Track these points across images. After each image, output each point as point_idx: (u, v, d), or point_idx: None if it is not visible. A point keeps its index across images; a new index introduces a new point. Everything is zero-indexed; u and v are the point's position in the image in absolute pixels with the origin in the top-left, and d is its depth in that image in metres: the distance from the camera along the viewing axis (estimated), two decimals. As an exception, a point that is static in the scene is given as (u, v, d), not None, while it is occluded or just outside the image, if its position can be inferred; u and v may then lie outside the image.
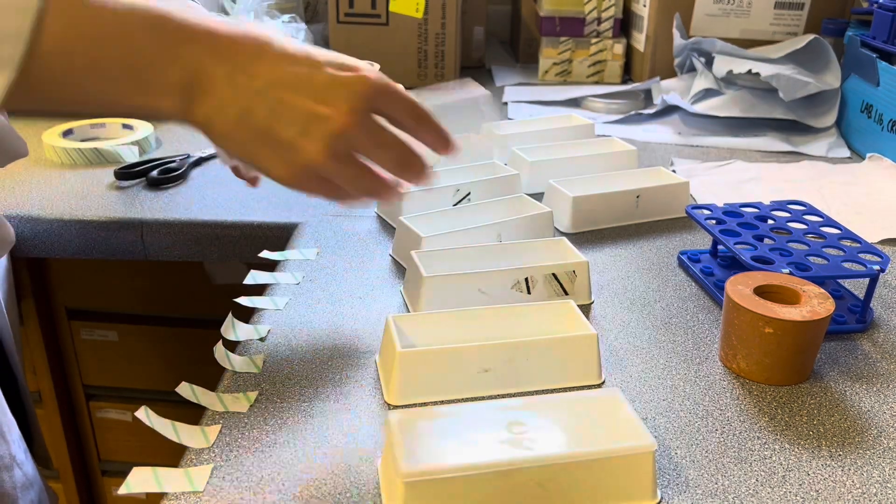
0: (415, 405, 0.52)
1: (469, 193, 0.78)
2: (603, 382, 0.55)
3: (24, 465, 0.68)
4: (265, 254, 0.71)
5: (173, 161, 0.92)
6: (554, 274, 0.63)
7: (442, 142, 0.48)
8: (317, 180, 0.45)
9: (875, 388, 0.56)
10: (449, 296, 0.60)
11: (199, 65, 0.42)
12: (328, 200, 0.48)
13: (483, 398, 0.53)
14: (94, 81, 0.40)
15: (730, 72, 1.11)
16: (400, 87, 0.46)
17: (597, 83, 1.34)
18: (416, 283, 0.61)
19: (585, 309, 0.64)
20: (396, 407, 0.52)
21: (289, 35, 1.11)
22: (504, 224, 0.71)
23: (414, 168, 0.47)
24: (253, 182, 0.58)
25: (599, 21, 1.31)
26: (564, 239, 0.67)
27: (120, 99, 0.42)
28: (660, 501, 0.45)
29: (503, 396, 0.53)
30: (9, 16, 0.36)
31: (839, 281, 0.69)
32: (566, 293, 0.63)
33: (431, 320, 0.56)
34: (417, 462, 0.41)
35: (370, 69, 0.45)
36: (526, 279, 0.62)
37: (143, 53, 0.41)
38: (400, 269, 0.70)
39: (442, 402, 0.53)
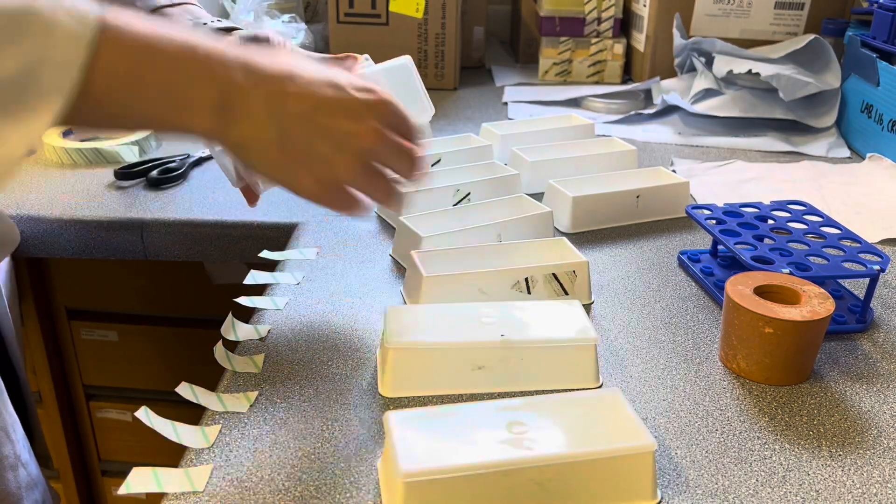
0: (407, 398, 0.52)
1: (469, 193, 0.78)
2: (601, 386, 0.55)
3: (28, 464, 0.68)
4: (265, 254, 0.71)
5: (173, 161, 0.92)
6: (554, 274, 0.63)
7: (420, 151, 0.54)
8: (343, 193, 0.50)
9: (875, 388, 0.56)
10: (449, 295, 0.60)
11: (233, 87, 0.45)
12: (346, 213, 0.51)
13: (476, 395, 0.53)
14: (135, 103, 0.43)
15: (730, 72, 1.11)
16: (401, 105, 0.52)
17: (597, 83, 1.34)
18: (415, 283, 0.61)
19: (585, 309, 0.64)
20: (390, 399, 0.52)
21: (289, 35, 1.11)
22: (504, 224, 0.71)
23: (419, 168, 0.52)
24: (253, 202, 0.61)
25: (599, 21, 1.31)
26: (564, 239, 0.67)
27: (159, 117, 0.44)
28: (660, 501, 0.45)
29: (497, 394, 0.53)
30: (68, 46, 0.39)
31: (839, 281, 0.69)
32: (566, 293, 0.63)
33: (433, 313, 0.56)
34: (417, 462, 0.41)
35: (383, 91, 0.51)
36: (526, 279, 0.62)
37: (181, 75, 0.43)
38: (400, 270, 0.70)
39: (434, 397, 0.53)
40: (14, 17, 0.38)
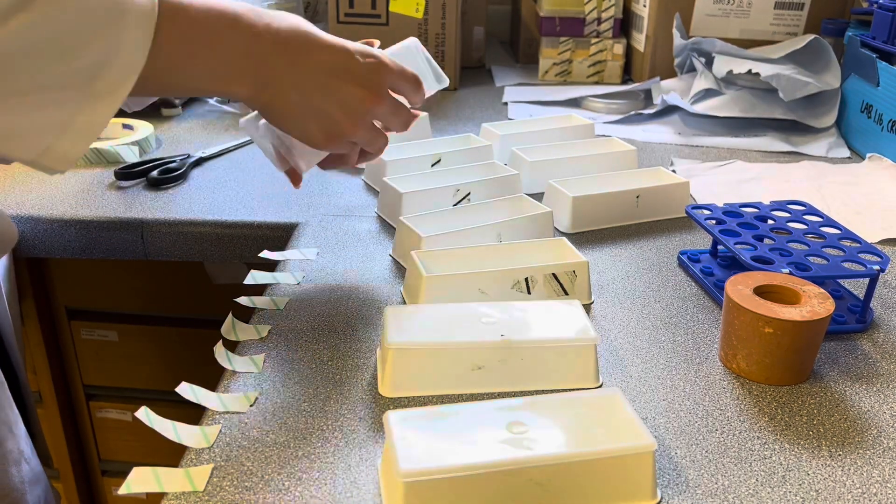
0: (407, 398, 0.52)
1: (469, 193, 0.78)
2: (600, 386, 0.55)
3: (30, 460, 0.69)
4: (265, 254, 0.71)
5: (173, 161, 0.93)
6: (554, 274, 0.63)
7: (420, 101, 0.64)
8: (344, 145, 0.59)
9: (875, 388, 0.56)
10: (449, 296, 0.60)
11: (265, 58, 0.53)
12: (342, 165, 0.63)
13: (476, 395, 0.53)
14: (186, 76, 0.50)
15: (730, 72, 1.11)
16: (404, 67, 0.61)
17: (597, 83, 1.34)
18: (415, 283, 0.61)
19: (585, 309, 0.64)
20: (390, 399, 0.52)
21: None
22: (504, 224, 0.71)
23: (410, 123, 0.62)
24: (297, 183, 0.66)
25: (599, 21, 1.31)
26: (564, 239, 0.67)
27: (205, 86, 0.52)
28: (660, 501, 0.45)
29: (497, 394, 0.53)
30: (138, 29, 0.45)
31: (839, 281, 0.69)
32: (566, 293, 0.63)
33: (433, 313, 0.56)
34: (417, 462, 0.41)
35: (384, 55, 0.59)
36: (526, 279, 0.62)
37: (225, 50, 0.51)
38: (400, 269, 0.70)
39: (434, 397, 0.53)
40: (102, 5, 0.44)
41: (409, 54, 0.70)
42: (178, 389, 0.51)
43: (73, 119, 0.45)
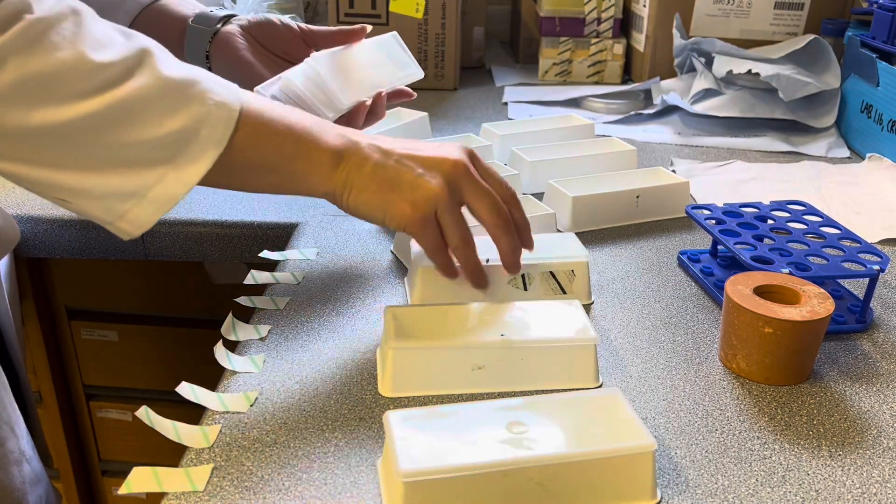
0: (407, 398, 0.53)
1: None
2: (600, 386, 0.55)
3: (32, 460, 0.69)
4: (265, 253, 0.71)
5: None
6: (552, 272, 0.63)
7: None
8: (432, 223, 0.55)
9: (875, 388, 0.56)
10: (443, 288, 0.60)
11: (339, 146, 0.55)
12: (432, 252, 0.57)
13: (476, 395, 0.53)
14: (270, 160, 0.53)
15: (730, 72, 1.11)
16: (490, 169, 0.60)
17: (597, 83, 1.34)
18: (413, 275, 0.62)
19: (585, 309, 0.64)
20: (390, 399, 0.52)
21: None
22: None
23: (505, 219, 0.58)
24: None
25: (599, 21, 1.31)
26: (572, 234, 0.67)
27: (290, 171, 0.54)
28: (659, 501, 0.45)
29: (497, 394, 0.53)
30: (221, 111, 0.49)
31: (839, 281, 0.69)
32: (564, 292, 0.63)
33: (433, 313, 0.56)
34: (417, 462, 0.41)
35: (464, 155, 0.58)
36: (523, 275, 0.62)
37: (307, 147, 0.54)
38: (401, 269, 0.70)
39: (434, 397, 0.53)
40: (183, 84, 0.48)
41: (389, 43, 0.76)
42: (178, 389, 0.51)
43: (153, 189, 0.48)
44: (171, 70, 0.48)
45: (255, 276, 0.66)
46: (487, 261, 0.59)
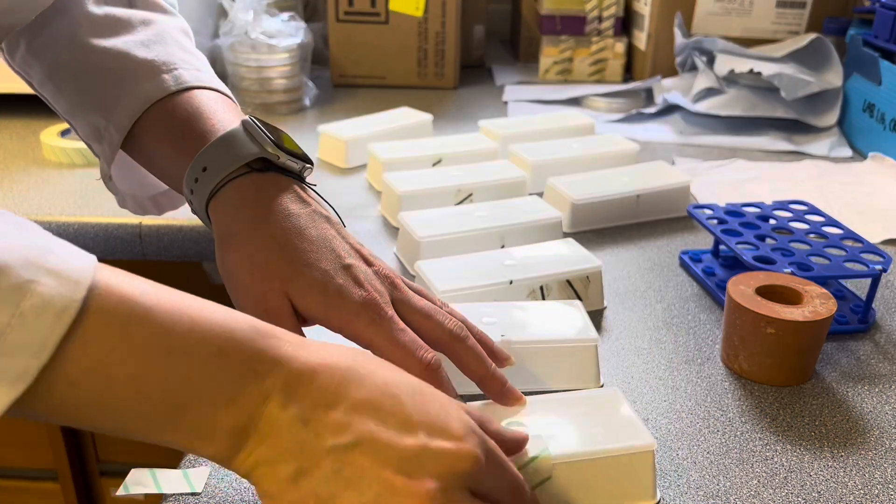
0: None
1: (471, 194, 0.78)
2: (601, 387, 0.55)
3: None
4: None
5: (173, 160, 0.92)
6: (568, 280, 0.62)
7: None
8: None
9: (877, 389, 0.55)
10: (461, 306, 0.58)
11: (261, 408, 0.34)
12: None
13: (477, 396, 0.53)
14: (125, 416, 0.32)
15: (731, 71, 1.11)
16: (503, 458, 0.37)
17: (598, 82, 1.34)
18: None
19: (598, 314, 0.64)
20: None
21: (288, 33, 1.10)
22: (508, 229, 0.70)
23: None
24: None
25: (600, 20, 1.31)
26: (572, 240, 0.66)
27: (153, 435, 0.34)
28: (659, 501, 0.45)
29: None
30: (38, 321, 0.29)
31: (841, 281, 0.69)
32: (580, 299, 0.63)
33: None
34: None
35: (472, 437, 0.36)
36: (541, 287, 0.61)
37: (197, 391, 0.33)
38: (403, 272, 0.69)
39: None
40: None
41: None
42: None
43: None
44: None
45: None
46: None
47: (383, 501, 0.33)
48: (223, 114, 0.51)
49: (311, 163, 0.50)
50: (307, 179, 0.51)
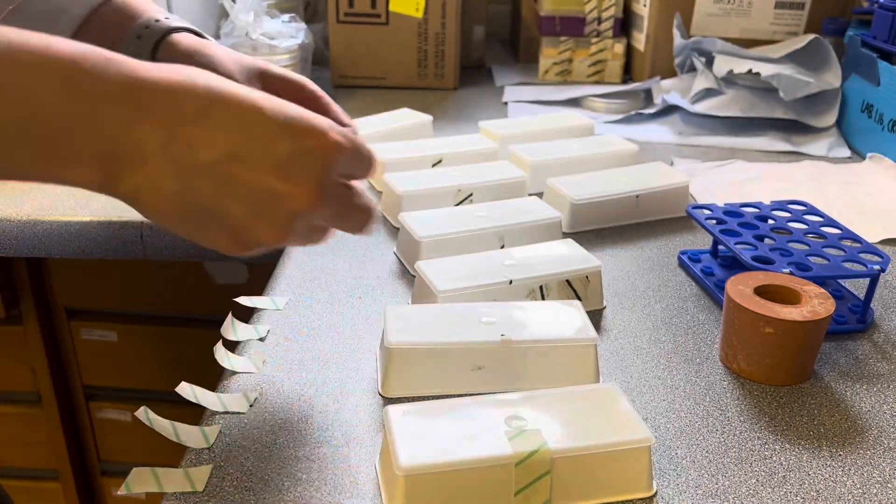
0: (407, 398, 0.52)
1: (472, 194, 0.78)
2: (603, 383, 0.55)
3: None
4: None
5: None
6: (568, 280, 0.63)
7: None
8: (268, 248, 0.41)
9: (876, 389, 0.56)
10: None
11: (123, 130, 0.34)
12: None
13: (477, 394, 0.53)
14: None
15: (730, 71, 1.11)
16: (358, 139, 0.41)
17: (597, 83, 1.34)
18: (429, 300, 0.60)
19: (597, 314, 0.64)
20: (390, 399, 0.52)
21: (289, 35, 1.10)
22: (508, 229, 0.70)
23: (369, 225, 0.44)
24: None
25: (600, 21, 1.31)
26: (572, 241, 0.67)
27: (24, 166, 0.34)
28: (655, 493, 0.45)
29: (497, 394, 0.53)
30: None
31: (840, 281, 0.69)
32: (579, 298, 0.63)
33: (433, 313, 0.56)
34: (416, 456, 0.41)
35: (332, 127, 0.39)
36: (541, 287, 0.62)
37: (53, 115, 0.33)
38: (401, 269, 0.70)
39: (435, 397, 0.53)
40: None
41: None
42: (177, 389, 0.51)
43: None
44: None
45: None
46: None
47: (270, 206, 0.37)
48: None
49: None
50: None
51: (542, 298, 0.62)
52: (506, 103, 1.23)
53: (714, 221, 0.71)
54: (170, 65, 0.37)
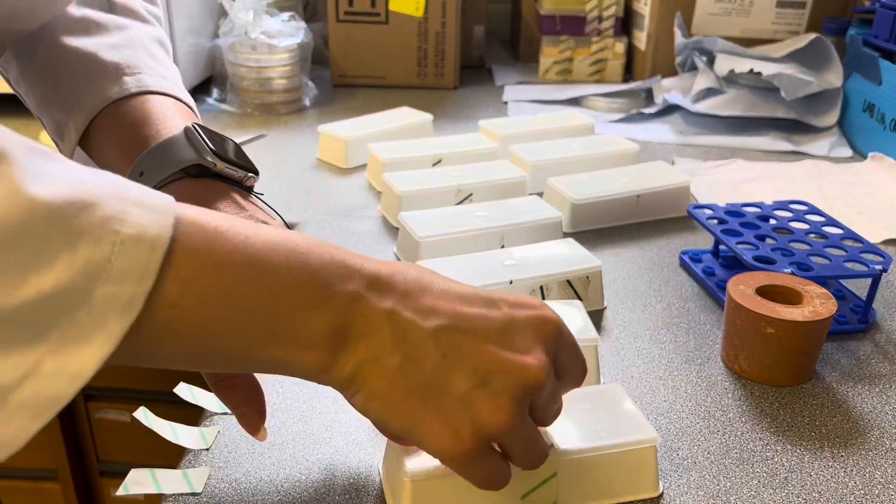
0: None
1: (472, 194, 0.78)
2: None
3: None
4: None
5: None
6: (568, 280, 0.62)
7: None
8: (485, 454, 0.36)
9: (877, 389, 0.55)
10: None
11: (355, 304, 0.34)
12: (484, 485, 0.38)
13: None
14: (224, 333, 0.32)
15: (731, 71, 1.11)
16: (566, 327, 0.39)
17: (598, 82, 1.34)
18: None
19: (598, 314, 0.64)
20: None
21: (289, 33, 1.10)
22: (508, 229, 0.70)
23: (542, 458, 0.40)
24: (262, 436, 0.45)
25: (600, 20, 1.31)
26: (573, 241, 0.66)
27: (253, 353, 0.33)
28: (661, 493, 0.45)
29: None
30: (136, 250, 0.29)
31: (841, 281, 0.69)
32: (580, 298, 0.63)
33: None
34: (422, 461, 0.41)
35: (544, 304, 0.39)
36: (541, 286, 0.61)
37: (288, 296, 0.33)
38: (400, 269, 0.69)
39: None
40: (67, 209, 0.28)
41: None
42: (176, 390, 0.51)
43: (17, 389, 0.28)
44: (47, 187, 0.28)
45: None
46: None
47: (496, 377, 0.35)
48: (172, 120, 0.51)
49: (256, 172, 0.49)
50: (255, 189, 0.50)
51: (543, 298, 0.62)
52: (506, 103, 1.23)
53: (715, 221, 0.71)
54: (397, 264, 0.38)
